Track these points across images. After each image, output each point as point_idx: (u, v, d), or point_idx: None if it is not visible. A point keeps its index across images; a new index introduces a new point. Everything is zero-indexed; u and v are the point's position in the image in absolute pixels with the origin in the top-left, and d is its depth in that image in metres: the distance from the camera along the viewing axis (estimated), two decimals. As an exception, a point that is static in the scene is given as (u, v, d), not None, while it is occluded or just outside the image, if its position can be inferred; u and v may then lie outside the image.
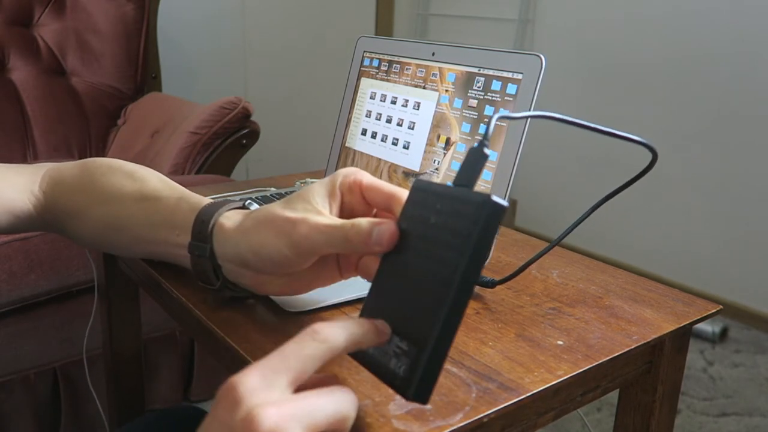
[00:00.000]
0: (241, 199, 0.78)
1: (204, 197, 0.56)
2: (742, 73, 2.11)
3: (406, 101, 0.76)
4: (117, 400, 0.91)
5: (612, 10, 2.42)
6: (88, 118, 1.95)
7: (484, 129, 0.66)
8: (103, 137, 1.97)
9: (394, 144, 0.77)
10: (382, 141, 0.78)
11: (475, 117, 0.67)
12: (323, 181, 0.49)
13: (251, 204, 0.78)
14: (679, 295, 0.63)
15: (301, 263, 0.48)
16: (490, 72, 0.67)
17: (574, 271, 0.68)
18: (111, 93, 1.99)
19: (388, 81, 0.79)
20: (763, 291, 2.14)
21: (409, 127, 0.75)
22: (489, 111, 0.66)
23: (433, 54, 0.74)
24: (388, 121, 0.78)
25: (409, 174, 0.74)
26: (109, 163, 0.62)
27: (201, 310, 0.56)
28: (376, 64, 0.81)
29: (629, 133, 0.46)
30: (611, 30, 2.43)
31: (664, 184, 2.28)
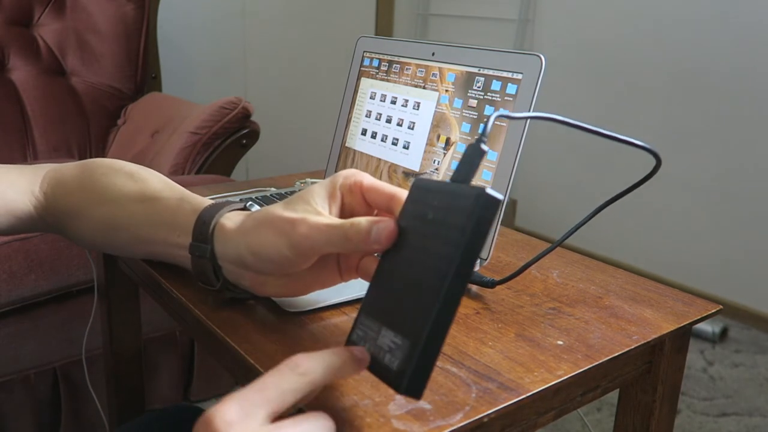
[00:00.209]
0: (241, 200, 0.78)
1: (205, 198, 0.56)
2: (741, 74, 2.11)
3: (406, 101, 0.76)
4: (117, 400, 0.91)
5: (612, 10, 2.42)
6: (88, 118, 1.95)
7: (482, 128, 0.66)
8: (103, 137, 1.97)
9: (394, 144, 0.77)
10: (382, 141, 0.78)
11: (475, 117, 0.67)
12: (323, 183, 0.49)
13: (252, 205, 0.78)
14: (679, 295, 0.63)
15: (300, 263, 0.48)
16: (490, 72, 0.67)
17: (574, 271, 0.68)
18: (111, 93, 1.99)
19: (388, 81, 0.79)
20: (763, 291, 2.14)
21: (409, 127, 0.75)
22: (489, 111, 0.66)
23: (433, 54, 0.74)
24: (388, 121, 0.78)
25: (409, 174, 0.74)
26: (110, 163, 0.62)
27: (201, 310, 0.56)
28: (376, 64, 0.81)
29: (631, 136, 0.46)
30: (611, 30, 2.43)
31: (664, 184, 2.28)
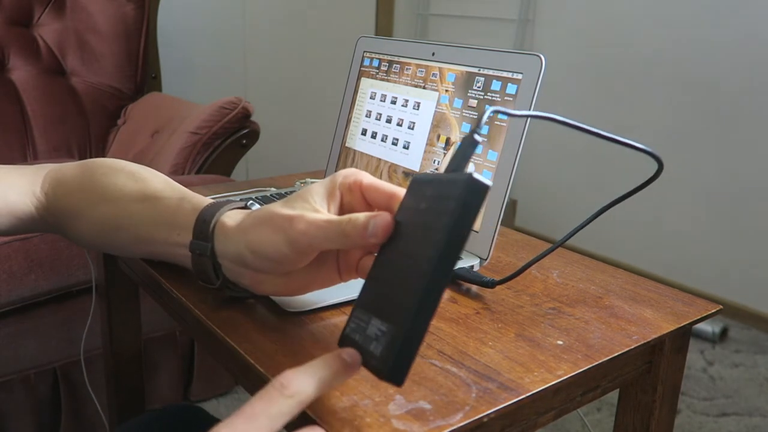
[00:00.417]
0: (241, 199, 0.78)
1: (206, 198, 0.56)
2: (741, 74, 2.11)
3: (406, 101, 0.76)
4: (117, 400, 0.91)
5: (612, 10, 2.42)
6: (88, 118, 1.95)
7: (483, 128, 0.66)
8: (103, 137, 1.97)
9: (394, 144, 0.77)
10: (382, 141, 0.78)
11: (475, 117, 0.67)
12: (323, 182, 0.50)
13: (253, 204, 0.78)
14: (679, 295, 0.63)
15: (298, 261, 0.48)
16: (490, 72, 0.67)
17: (574, 271, 0.68)
18: (111, 93, 1.99)
19: (388, 81, 0.79)
20: (763, 291, 2.14)
21: (409, 127, 0.75)
22: (494, 114, 0.66)
23: (433, 54, 0.74)
24: (388, 121, 0.78)
25: (409, 174, 0.74)
26: (111, 163, 0.62)
27: (201, 310, 0.56)
28: (376, 64, 0.81)
29: (631, 136, 0.46)
30: (611, 30, 2.43)
31: (664, 183, 2.28)
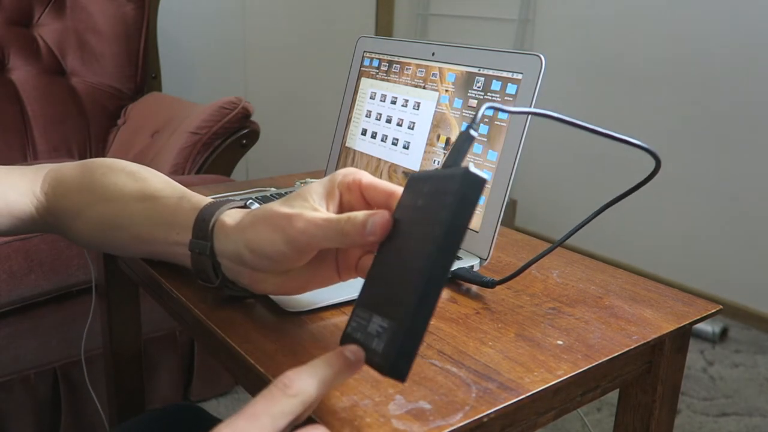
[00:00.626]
0: (241, 199, 0.78)
1: (205, 197, 0.56)
2: (742, 74, 2.11)
3: (406, 101, 0.76)
4: (117, 400, 0.91)
5: (612, 10, 2.42)
6: (88, 118, 1.95)
7: (483, 128, 0.66)
8: (103, 137, 1.97)
9: (394, 144, 0.77)
10: (382, 141, 0.78)
11: (475, 117, 0.67)
12: (322, 181, 0.50)
13: (252, 203, 0.78)
14: (679, 295, 0.63)
15: (297, 259, 0.48)
16: (490, 72, 0.67)
17: (574, 271, 0.68)
18: (111, 93, 1.99)
19: (388, 81, 0.79)
20: (763, 291, 2.14)
21: (409, 127, 0.75)
22: (489, 112, 0.66)
23: (433, 54, 0.74)
24: (388, 121, 0.78)
25: (409, 174, 0.74)
26: (110, 163, 0.62)
27: (201, 310, 0.56)
28: (376, 64, 0.81)
29: (631, 136, 0.46)
30: (611, 30, 2.43)
31: (664, 183, 2.28)
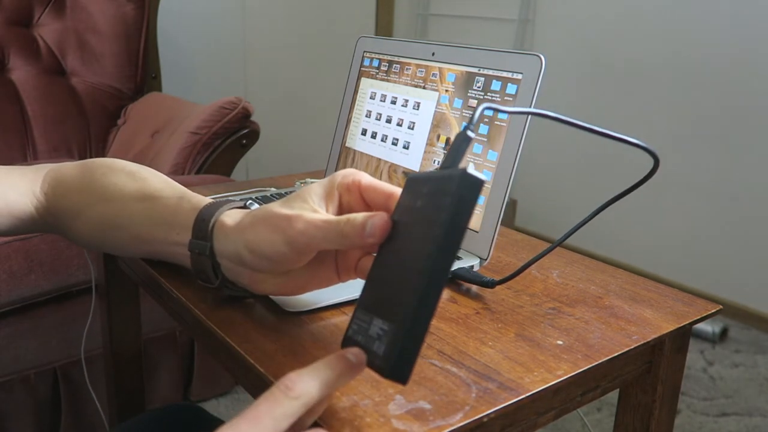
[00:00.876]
0: (241, 199, 0.78)
1: (205, 197, 0.56)
2: (742, 74, 2.11)
3: (406, 101, 0.76)
4: (117, 400, 0.91)
5: (612, 10, 2.42)
6: (88, 118, 1.95)
7: (483, 128, 0.66)
8: (103, 137, 1.97)
9: (394, 144, 0.77)
10: (382, 141, 0.78)
11: (475, 117, 0.67)
12: (321, 182, 0.50)
13: (252, 204, 0.78)
14: (679, 295, 0.63)
15: (297, 260, 0.48)
16: (490, 72, 0.67)
17: (574, 271, 0.68)
18: (111, 93, 1.99)
19: (388, 81, 0.79)
20: (763, 291, 2.14)
21: (409, 127, 0.75)
22: (488, 112, 0.66)
23: (433, 54, 0.74)
24: (388, 121, 0.78)
25: (409, 174, 0.74)
26: (110, 163, 0.62)
27: (201, 310, 0.56)
28: (376, 64, 0.81)
29: (631, 136, 0.46)
30: (611, 30, 2.43)
31: (664, 183, 2.28)
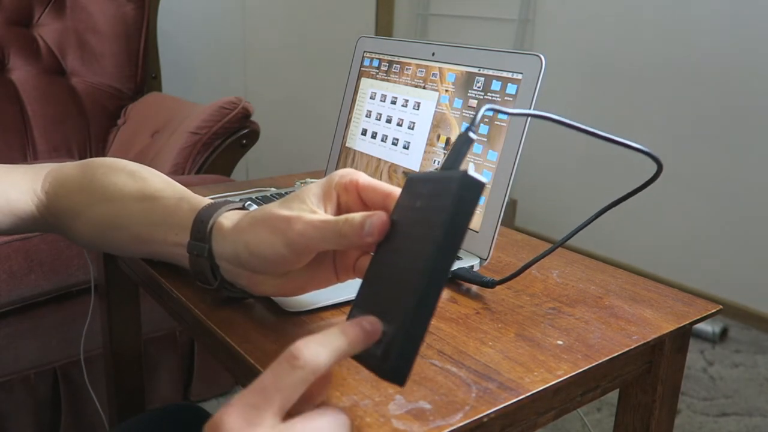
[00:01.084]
0: (240, 200, 0.78)
1: (205, 198, 0.56)
2: (742, 74, 2.11)
3: (406, 101, 0.76)
4: (117, 400, 0.91)
5: (612, 10, 2.42)
6: (88, 118, 1.95)
7: (483, 128, 0.66)
8: (103, 137, 1.97)
9: (394, 144, 0.77)
10: (382, 141, 0.78)
11: (475, 117, 0.67)
12: (319, 182, 0.50)
13: (250, 205, 0.78)
14: (679, 295, 0.63)
15: (296, 261, 0.48)
16: (490, 72, 0.67)
17: (574, 271, 0.68)
18: (111, 93, 1.99)
19: (388, 81, 0.79)
20: (763, 291, 2.14)
21: (409, 127, 0.75)
22: (489, 112, 0.66)
23: (433, 54, 0.74)
24: (388, 121, 0.78)
25: (408, 174, 0.74)
26: (111, 162, 0.62)
27: (201, 310, 0.56)
28: (376, 64, 0.81)
29: (631, 136, 0.46)
30: (611, 30, 2.43)
31: (664, 184, 2.28)
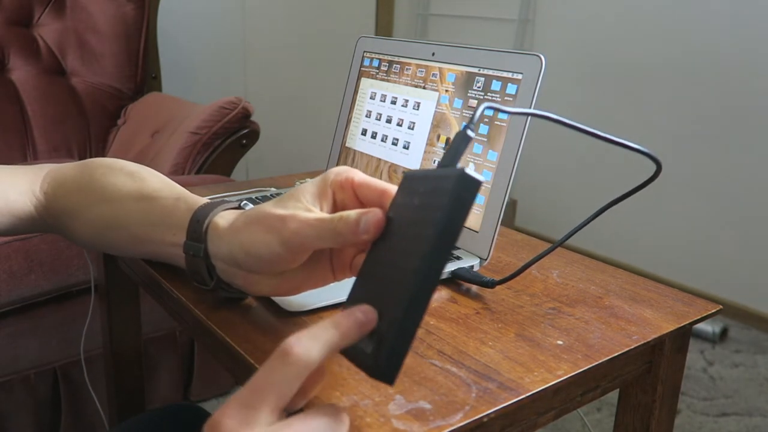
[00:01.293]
0: (238, 200, 0.78)
1: (203, 198, 0.56)
2: (742, 74, 2.11)
3: (406, 101, 0.76)
4: (117, 400, 0.91)
5: (612, 10, 2.42)
6: (88, 118, 1.95)
7: (483, 128, 0.66)
8: (103, 137, 1.97)
9: (394, 144, 0.77)
10: (382, 141, 0.78)
11: (475, 117, 0.67)
12: (314, 181, 0.50)
13: (246, 204, 0.78)
14: (679, 295, 0.63)
15: (292, 260, 0.48)
16: (490, 72, 0.67)
17: (574, 271, 0.68)
18: (111, 93, 1.99)
19: (388, 81, 0.79)
20: (763, 291, 2.14)
21: (409, 127, 0.75)
22: (489, 112, 0.66)
23: (433, 54, 0.74)
24: (388, 121, 0.78)
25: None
26: (110, 163, 0.62)
27: (201, 310, 0.56)
28: (376, 64, 0.81)
29: (631, 136, 0.46)
30: (611, 30, 2.43)
31: (664, 184, 2.28)
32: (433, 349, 0.51)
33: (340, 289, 0.56)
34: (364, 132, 0.81)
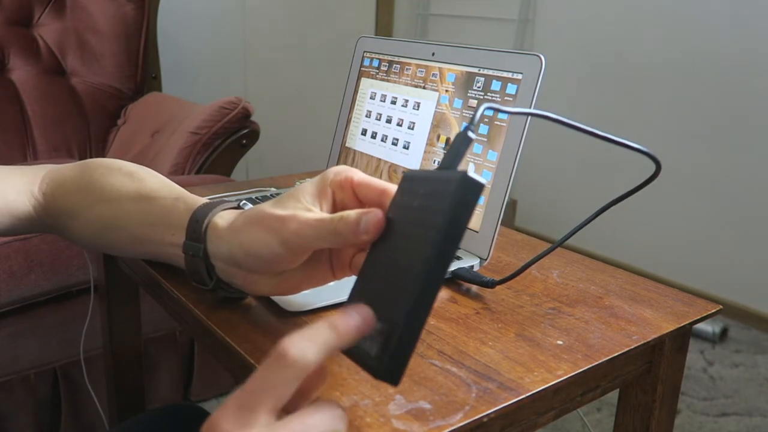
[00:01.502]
0: (237, 200, 0.78)
1: (201, 197, 0.56)
2: (742, 74, 2.11)
3: (406, 101, 0.76)
4: (117, 400, 0.91)
5: (612, 10, 2.42)
6: (88, 118, 1.95)
7: (483, 128, 0.66)
8: (103, 137, 1.97)
9: (394, 144, 0.77)
10: (382, 141, 0.78)
11: (475, 117, 0.67)
12: (314, 180, 0.49)
13: (245, 204, 0.78)
14: (679, 295, 0.63)
15: (291, 260, 0.48)
16: (490, 72, 0.67)
17: (574, 271, 0.68)
18: (111, 93, 1.99)
19: (388, 81, 0.79)
20: (763, 291, 2.14)
21: (409, 127, 0.75)
22: (489, 112, 0.66)
23: (433, 54, 0.74)
24: (388, 121, 0.78)
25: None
26: (109, 163, 0.62)
27: (201, 310, 0.56)
28: (376, 64, 0.81)
29: (631, 136, 0.46)
30: (611, 30, 2.43)
31: (664, 183, 2.28)
32: (433, 349, 0.51)
33: (340, 289, 0.56)
34: (364, 132, 0.81)
